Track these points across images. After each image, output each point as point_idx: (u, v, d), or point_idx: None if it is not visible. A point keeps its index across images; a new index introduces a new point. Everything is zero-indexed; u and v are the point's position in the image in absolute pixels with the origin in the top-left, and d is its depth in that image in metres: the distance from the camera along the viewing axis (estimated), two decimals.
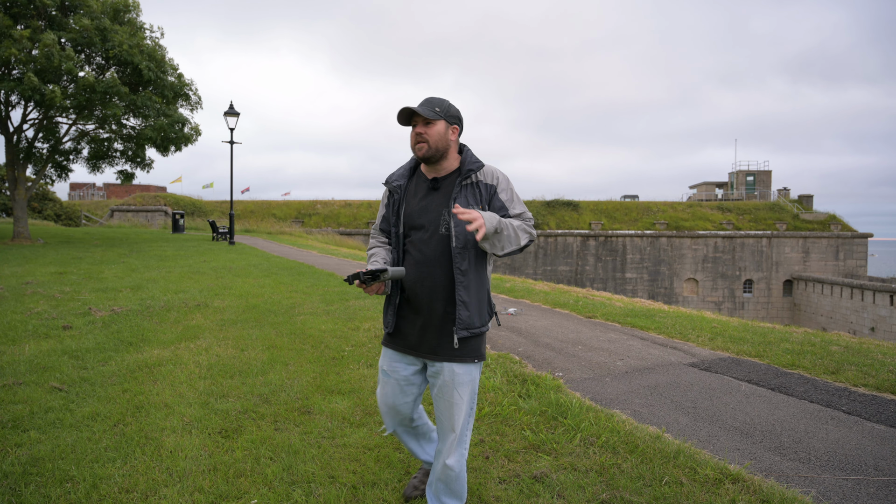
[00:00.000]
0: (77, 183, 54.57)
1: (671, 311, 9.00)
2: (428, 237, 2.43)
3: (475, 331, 2.43)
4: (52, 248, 17.58)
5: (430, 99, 2.46)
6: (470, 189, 2.42)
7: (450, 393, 2.45)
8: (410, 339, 2.51)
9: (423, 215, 2.45)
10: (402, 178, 2.56)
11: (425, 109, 2.39)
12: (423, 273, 2.42)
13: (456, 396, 2.46)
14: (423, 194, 2.50)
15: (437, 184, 2.48)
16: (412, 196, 2.52)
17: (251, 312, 7.59)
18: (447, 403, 2.47)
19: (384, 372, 2.61)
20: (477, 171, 2.44)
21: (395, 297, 2.53)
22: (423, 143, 2.41)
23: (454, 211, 2.21)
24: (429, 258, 2.42)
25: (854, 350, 6.02)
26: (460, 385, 2.45)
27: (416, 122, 2.44)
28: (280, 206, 40.43)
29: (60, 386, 4.40)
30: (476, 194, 2.42)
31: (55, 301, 8.17)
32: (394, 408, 2.62)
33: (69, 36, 18.26)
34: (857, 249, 35.68)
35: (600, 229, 36.13)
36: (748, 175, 44.53)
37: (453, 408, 2.46)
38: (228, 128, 22.55)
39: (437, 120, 2.42)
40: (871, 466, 3.30)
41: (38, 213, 38.57)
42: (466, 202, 2.39)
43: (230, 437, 3.55)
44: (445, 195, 2.44)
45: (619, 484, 2.98)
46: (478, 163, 2.46)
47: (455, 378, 2.45)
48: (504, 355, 5.51)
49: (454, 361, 2.44)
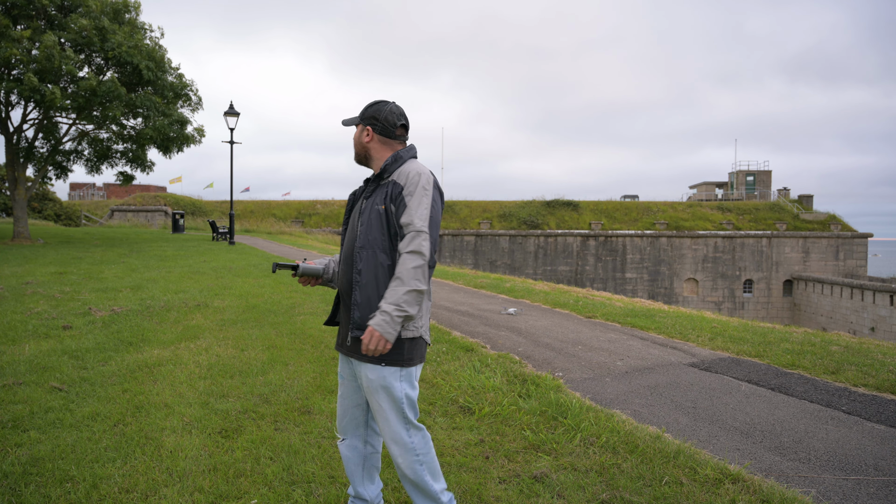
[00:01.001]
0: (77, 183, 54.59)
1: (671, 311, 9.01)
2: (348, 235, 2.48)
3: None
4: (52, 248, 17.58)
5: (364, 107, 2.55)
6: (381, 189, 2.38)
7: (370, 398, 2.35)
8: (339, 334, 2.52)
9: (353, 215, 2.50)
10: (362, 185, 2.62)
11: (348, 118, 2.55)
12: (342, 269, 2.47)
13: (374, 403, 2.33)
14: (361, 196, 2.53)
15: (367, 184, 2.52)
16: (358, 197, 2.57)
17: (251, 312, 7.59)
18: (373, 409, 2.36)
19: (339, 374, 2.57)
20: (393, 172, 2.38)
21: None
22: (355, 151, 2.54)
23: (362, 350, 2.18)
24: (345, 255, 2.46)
25: (854, 350, 6.02)
26: (374, 391, 2.30)
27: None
28: (280, 206, 40.43)
29: (60, 386, 4.40)
30: (384, 194, 2.34)
31: (55, 301, 8.17)
32: (348, 410, 2.51)
33: (68, 36, 18.26)
34: (857, 249, 35.68)
35: (600, 229, 36.13)
36: (748, 175, 44.52)
37: (377, 414, 2.35)
38: (228, 128, 22.55)
39: (356, 125, 2.53)
40: (871, 466, 3.30)
41: (38, 213, 38.57)
42: (374, 201, 2.36)
43: (230, 437, 3.55)
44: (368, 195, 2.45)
45: (619, 484, 2.98)
46: (395, 163, 2.39)
47: (369, 383, 2.31)
48: (504, 355, 5.51)
49: (362, 361, 2.32)
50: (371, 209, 2.34)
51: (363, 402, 2.49)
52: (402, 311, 2.17)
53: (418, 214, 2.25)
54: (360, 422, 2.52)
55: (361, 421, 2.52)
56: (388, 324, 2.16)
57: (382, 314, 2.17)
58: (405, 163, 2.41)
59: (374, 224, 2.32)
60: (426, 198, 2.28)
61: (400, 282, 2.20)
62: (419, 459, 2.35)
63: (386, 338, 2.15)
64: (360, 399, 2.49)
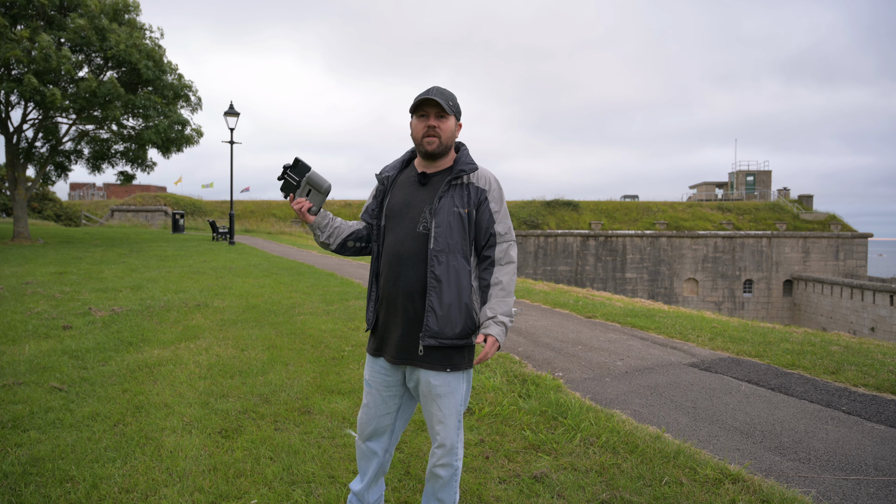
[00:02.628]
0: (77, 183, 54.58)
1: (671, 311, 9.01)
2: (405, 233, 2.27)
3: (445, 342, 2.21)
4: (52, 248, 17.58)
5: (441, 90, 2.29)
6: (459, 190, 2.27)
7: (430, 404, 2.29)
8: (386, 341, 2.33)
9: (405, 209, 2.30)
10: (394, 170, 2.43)
11: (444, 102, 2.23)
12: (396, 271, 2.26)
13: (434, 409, 2.28)
14: (409, 188, 2.34)
15: (425, 179, 2.33)
16: (399, 188, 2.37)
17: (251, 312, 7.59)
18: (429, 415, 2.32)
19: (366, 381, 2.42)
20: (470, 173, 2.29)
21: (373, 290, 2.37)
22: (435, 138, 2.26)
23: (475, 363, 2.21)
24: (402, 256, 2.25)
25: (854, 350, 6.02)
26: (438, 396, 2.26)
27: (428, 112, 2.26)
28: (280, 206, 40.42)
29: (60, 386, 4.40)
30: (464, 196, 2.27)
31: (55, 301, 8.17)
32: (375, 419, 2.41)
33: (67, 36, 18.27)
34: (857, 249, 35.66)
35: (600, 229, 36.12)
36: (748, 175, 44.51)
37: (433, 419, 2.31)
38: (228, 128, 22.55)
39: (450, 115, 2.28)
40: (871, 466, 3.30)
41: (38, 213, 38.57)
42: (452, 202, 2.25)
43: (230, 437, 3.55)
44: (432, 192, 2.29)
45: (619, 484, 2.98)
46: (472, 164, 2.31)
47: (431, 389, 2.26)
48: (504, 355, 5.51)
49: (426, 369, 2.25)
50: (450, 211, 2.23)
51: (394, 410, 2.41)
52: (512, 319, 2.26)
53: (508, 224, 2.32)
54: (387, 430, 2.44)
55: (388, 429, 2.44)
56: (503, 333, 2.21)
57: (499, 324, 2.21)
58: (477, 164, 2.34)
59: (456, 227, 2.23)
60: (505, 205, 2.36)
61: (507, 292, 2.26)
62: (459, 464, 2.38)
63: (500, 340, 2.20)
64: (392, 407, 2.39)
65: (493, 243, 2.29)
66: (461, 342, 2.24)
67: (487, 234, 2.29)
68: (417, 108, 2.28)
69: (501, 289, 2.26)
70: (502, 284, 2.26)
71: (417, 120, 2.29)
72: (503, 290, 2.26)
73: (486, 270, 2.29)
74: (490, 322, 2.21)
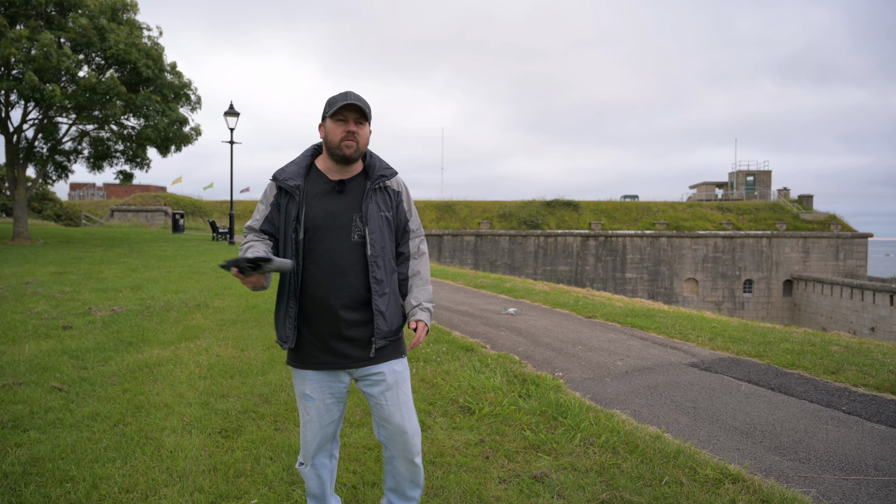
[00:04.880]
0: (77, 183, 54.58)
1: (671, 311, 9.01)
2: (339, 243, 2.26)
3: (391, 338, 2.33)
4: (52, 248, 17.58)
5: (358, 96, 2.30)
6: (380, 194, 2.34)
7: (395, 392, 2.35)
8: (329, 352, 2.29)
9: (330, 219, 2.27)
10: (299, 178, 2.32)
11: (365, 108, 2.27)
12: (339, 282, 2.25)
13: (400, 395, 2.37)
14: (326, 197, 2.30)
15: (342, 186, 2.32)
16: (314, 198, 2.30)
17: (251, 312, 7.59)
18: (394, 403, 2.35)
19: (306, 396, 2.35)
20: (390, 178, 2.37)
21: (292, 306, 2.29)
22: (353, 143, 2.27)
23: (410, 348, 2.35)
24: (342, 266, 2.26)
25: (854, 350, 6.02)
26: (402, 382, 2.38)
27: (347, 117, 2.27)
28: None
29: (60, 386, 4.40)
30: (386, 200, 2.35)
31: (55, 301, 8.17)
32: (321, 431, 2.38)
33: (68, 35, 18.27)
34: (857, 249, 35.66)
35: (600, 229, 36.12)
36: (748, 175, 44.51)
37: (399, 407, 2.36)
38: (228, 128, 22.55)
39: (367, 122, 2.32)
40: (871, 466, 3.30)
41: (38, 213, 38.57)
42: (378, 207, 2.31)
43: (230, 437, 3.55)
44: (353, 199, 2.30)
45: (619, 484, 2.98)
46: (391, 169, 2.39)
47: (396, 377, 2.36)
48: (504, 355, 5.51)
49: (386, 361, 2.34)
50: (378, 216, 2.31)
51: (337, 417, 2.41)
52: (433, 305, 2.45)
53: (418, 221, 2.49)
54: (330, 437, 2.44)
55: (332, 435, 2.44)
56: (430, 318, 2.39)
57: (425, 311, 2.38)
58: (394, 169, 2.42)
59: (385, 232, 2.34)
60: (413, 203, 2.50)
61: (425, 281, 2.44)
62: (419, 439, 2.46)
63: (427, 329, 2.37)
64: (336, 414, 2.40)
65: (406, 240, 2.44)
66: (401, 334, 2.43)
67: (402, 231, 2.44)
68: (336, 113, 2.26)
69: (421, 279, 2.44)
70: (421, 275, 2.44)
71: (335, 124, 2.27)
72: (422, 279, 2.44)
73: (403, 265, 2.44)
74: (417, 309, 2.38)
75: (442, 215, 37.28)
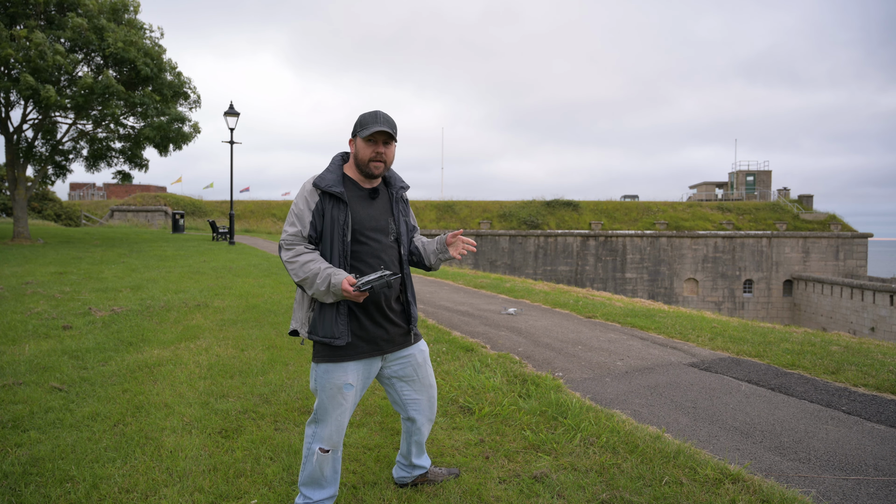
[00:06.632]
0: (77, 183, 54.56)
1: (671, 311, 9.01)
2: (384, 244, 2.60)
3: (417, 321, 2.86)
4: (52, 248, 17.58)
5: (387, 117, 2.56)
6: (400, 202, 2.73)
7: (424, 368, 2.78)
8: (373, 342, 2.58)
9: (373, 223, 2.59)
10: (340, 185, 2.56)
11: (392, 131, 2.54)
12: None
13: (428, 368, 2.81)
14: (364, 202, 2.60)
15: (375, 194, 2.65)
16: (355, 203, 2.58)
17: (251, 312, 7.59)
18: (424, 374, 2.78)
19: (347, 386, 2.54)
20: (406, 190, 2.77)
21: (342, 304, 2.49)
22: (381, 164, 2.57)
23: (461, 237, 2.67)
24: (387, 264, 2.59)
25: (854, 350, 6.02)
26: (428, 358, 2.83)
27: (377, 139, 2.53)
28: (280, 205, 40.42)
29: (60, 386, 4.40)
30: (404, 207, 2.76)
31: (55, 301, 8.17)
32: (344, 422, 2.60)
33: (66, 35, 18.27)
34: (857, 249, 35.65)
35: (600, 229, 36.12)
36: (748, 175, 44.51)
37: (429, 378, 2.80)
38: (228, 128, 22.56)
39: (394, 142, 2.60)
40: (871, 466, 3.30)
41: (38, 213, 38.57)
42: (402, 213, 2.72)
43: (230, 437, 3.55)
44: (384, 205, 2.66)
45: (619, 484, 2.98)
46: (405, 183, 2.78)
47: (425, 356, 2.80)
48: (504, 355, 5.51)
49: (414, 343, 2.76)
50: (402, 220, 2.71)
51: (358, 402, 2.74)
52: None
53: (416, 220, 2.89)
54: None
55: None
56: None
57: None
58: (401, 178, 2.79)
59: (406, 233, 2.73)
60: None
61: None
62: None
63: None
64: (359, 399, 2.69)
65: (412, 237, 2.80)
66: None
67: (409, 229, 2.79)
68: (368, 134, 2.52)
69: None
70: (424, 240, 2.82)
71: (365, 144, 2.54)
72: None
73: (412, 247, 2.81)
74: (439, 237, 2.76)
75: (442, 215, 37.30)
